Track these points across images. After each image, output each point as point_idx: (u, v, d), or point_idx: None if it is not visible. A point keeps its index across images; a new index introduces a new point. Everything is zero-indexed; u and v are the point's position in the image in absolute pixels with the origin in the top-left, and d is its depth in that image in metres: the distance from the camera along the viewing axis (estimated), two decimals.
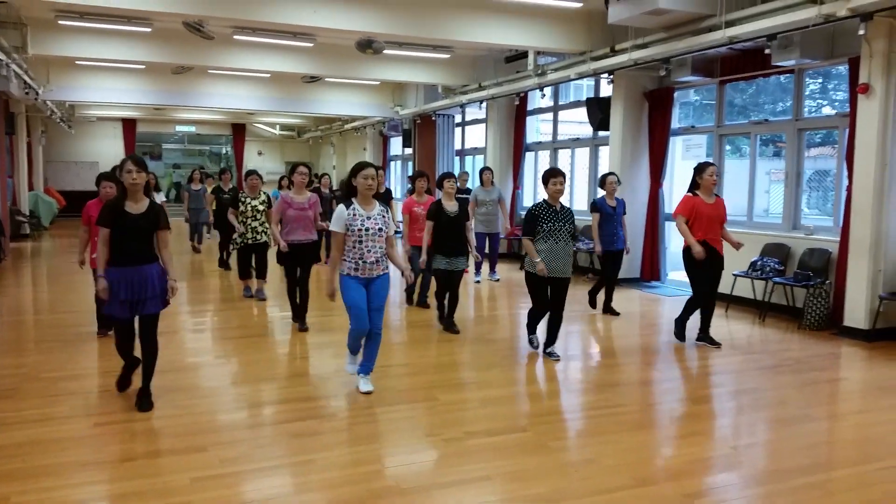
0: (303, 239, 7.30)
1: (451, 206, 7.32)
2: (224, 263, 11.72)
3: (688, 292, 7.12)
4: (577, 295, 10.00)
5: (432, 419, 4.73)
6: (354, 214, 4.98)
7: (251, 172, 9.06)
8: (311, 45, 11.49)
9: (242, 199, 8.64)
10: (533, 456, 4.14)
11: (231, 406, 5.04)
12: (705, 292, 6.77)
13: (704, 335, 6.93)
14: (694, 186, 6.74)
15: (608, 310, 8.46)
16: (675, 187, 10.76)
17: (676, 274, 10.19)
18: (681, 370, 6.25)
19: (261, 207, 8.65)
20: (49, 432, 4.38)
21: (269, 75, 15.69)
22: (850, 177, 7.55)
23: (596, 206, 8.36)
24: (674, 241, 10.53)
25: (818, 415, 5.05)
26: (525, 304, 9.40)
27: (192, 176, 13.67)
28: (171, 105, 18.34)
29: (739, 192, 9.75)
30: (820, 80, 9.51)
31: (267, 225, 8.60)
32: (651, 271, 10.64)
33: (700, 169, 6.73)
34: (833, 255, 7.92)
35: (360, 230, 4.96)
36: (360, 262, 4.98)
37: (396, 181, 19.98)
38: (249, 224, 8.60)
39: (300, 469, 3.91)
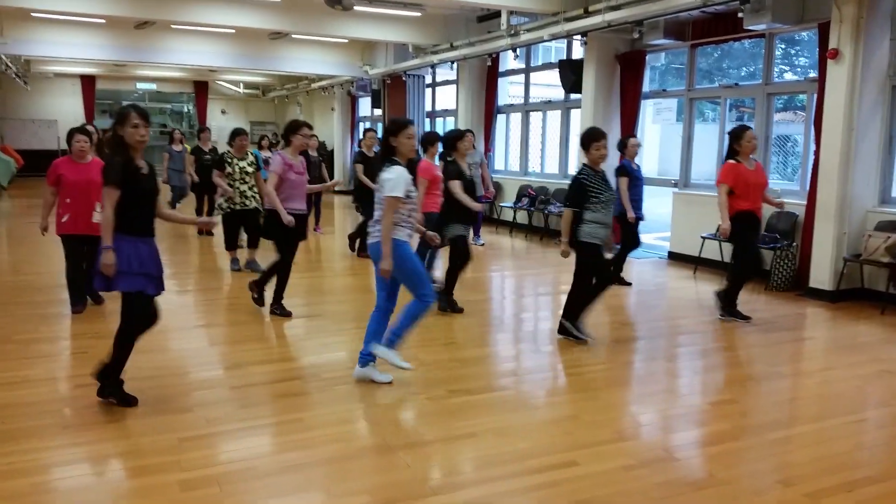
0: (303, 209, 6.33)
1: (465, 167, 6.71)
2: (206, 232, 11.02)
3: (657, 253, 7.17)
4: (551, 258, 10.11)
5: (415, 378, 4.78)
6: (410, 178, 4.42)
7: (239, 132, 8.29)
8: (277, 0, 11.22)
9: (229, 160, 7.95)
10: (515, 413, 4.23)
11: (215, 368, 5.03)
12: (753, 261, 6.61)
13: (733, 309, 6.56)
14: (732, 153, 6.28)
15: (620, 280, 8.06)
16: (645, 150, 10.87)
17: (646, 236, 10.33)
18: (653, 329, 6.39)
19: (249, 169, 7.98)
20: (27, 395, 4.34)
21: (233, 31, 15.29)
22: (817, 141, 7.71)
23: (625, 169, 7.90)
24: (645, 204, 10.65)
25: (785, 372, 5.23)
26: (499, 268, 9.52)
27: (174, 136, 12.83)
28: (132, 61, 17.78)
29: (708, 157, 9.91)
30: (783, 47, 9.64)
31: (255, 189, 8.00)
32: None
33: (738, 134, 6.25)
34: (800, 219, 8.12)
35: (413, 196, 4.47)
36: (411, 228, 4.52)
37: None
38: (237, 188, 7.92)
39: (286, 428, 3.94)
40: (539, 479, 3.36)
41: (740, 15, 8.02)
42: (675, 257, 9.74)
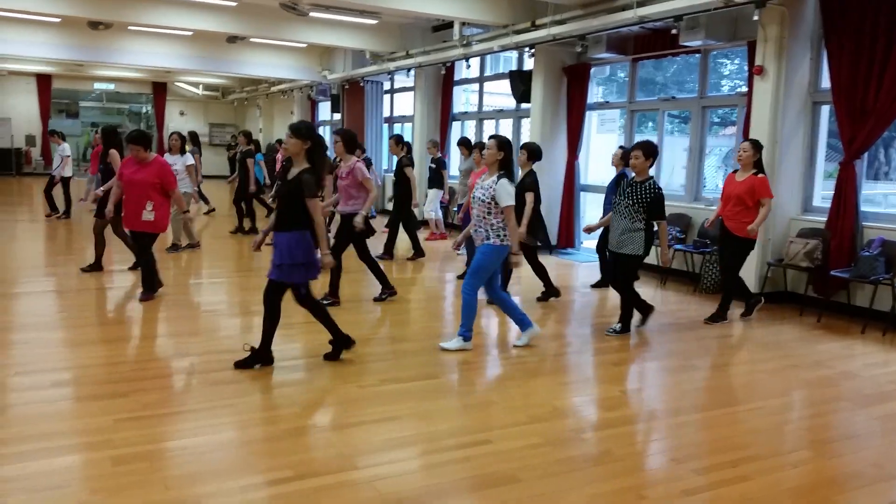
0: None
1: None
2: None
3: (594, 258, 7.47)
4: None
5: (350, 369, 5.02)
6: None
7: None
8: (234, 3, 11.37)
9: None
10: (440, 399, 4.50)
11: (154, 356, 5.20)
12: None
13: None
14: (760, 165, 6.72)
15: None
16: (591, 159, 11.28)
17: (589, 242, 10.69)
18: (587, 327, 6.72)
19: None
20: None
21: (191, 33, 15.36)
22: None
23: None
24: (589, 211, 11.05)
25: (697, 365, 5.58)
26: (440, 270, 9.79)
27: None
28: (89, 61, 17.69)
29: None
30: (725, 60, 10.12)
31: None
32: (566, 238, 11.14)
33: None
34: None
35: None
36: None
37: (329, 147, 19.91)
38: None
39: (218, 412, 4.14)
40: (452, 455, 3.63)
41: (673, 31, 8.45)
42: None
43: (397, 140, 10.43)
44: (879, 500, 3.43)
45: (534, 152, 7.26)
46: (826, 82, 7.59)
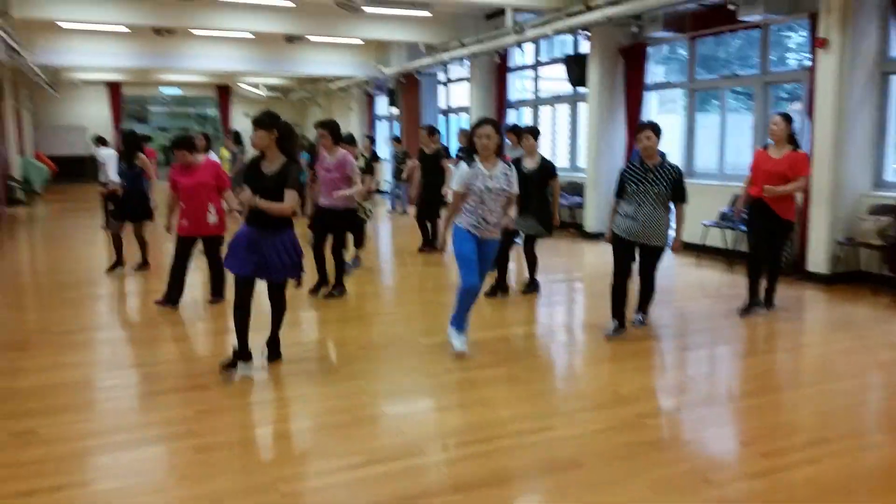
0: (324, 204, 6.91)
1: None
2: None
3: None
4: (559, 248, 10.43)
5: (412, 361, 5.16)
6: (476, 174, 4.89)
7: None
8: (292, 4, 11.63)
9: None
10: (503, 387, 4.56)
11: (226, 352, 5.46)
12: (749, 249, 6.57)
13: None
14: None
15: None
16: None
17: None
18: (657, 314, 6.67)
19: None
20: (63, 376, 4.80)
21: (252, 36, 15.79)
22: (812, 128, 7.92)
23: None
24: None
25: (765, 349, 5.51)
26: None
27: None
28: (155, 67, 18.39)
29: (713, 145, 10.11)
30: (791, 34, 9.81)
31: None
32: None
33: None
34: (799, 205, 8.31)
35: (480, 190, 4.88)
36: (481, 221, 4.94)
37: (383, 141, 20.18)
38: None
39: (290, 402, 4.33)
40: (516, 441, 3.72)
41: (731, 7, 8.25)
42: None
43: (430, 131, 10.17)
44: None
45: (539, 135, 7.07)
46: (895, 51, 7.30)
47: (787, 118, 6.20)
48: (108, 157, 10.83)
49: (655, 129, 5.41)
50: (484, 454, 3.59)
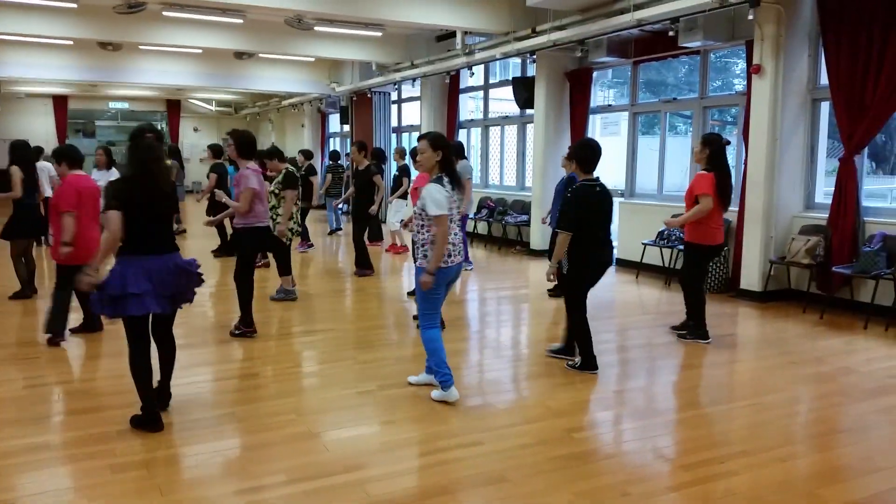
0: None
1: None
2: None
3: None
4: (508, 266, 10.47)
5: (347, 375, 5.12)
6: (451, 195, 4.42)
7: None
8: (240, 21, 11.57)
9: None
10: (435, 403, 4.57)
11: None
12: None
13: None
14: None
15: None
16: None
17: None
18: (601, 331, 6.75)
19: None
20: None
21: (200, 51, 15.64)
22: (746, 151, 8.17)
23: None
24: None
25: (695, 364, 5.62)
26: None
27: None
28: (102, 81, 18.06)
29: (651, 168, 10.36)
30: (735, 59, 10.13)
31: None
32: None
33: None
34: (733, 225, 8.55)
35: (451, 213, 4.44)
36: (450, 248, 4.43)
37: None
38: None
39: (223, 419, 4.26)
40: (443, 457, 3.72)
41: (671, 34, 8.50)
42: (620, 263, 10.15)
43: (360, 146, 9.63)
44: (863, 492, 3.46)
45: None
46: (825, 79, 7.60)
47: (706, 141, 6.14)
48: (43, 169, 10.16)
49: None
50: (410, 471, 3.58)
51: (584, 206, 5.05)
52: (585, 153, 5.17)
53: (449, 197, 4.37)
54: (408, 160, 10.41)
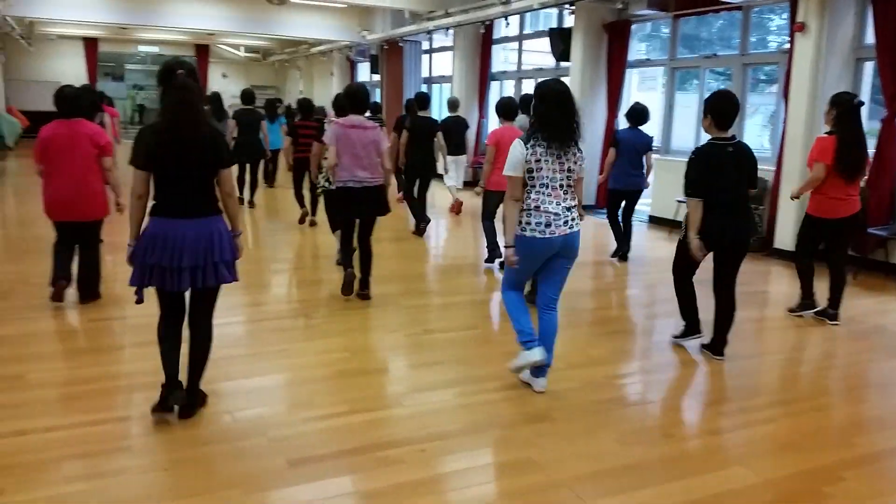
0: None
1: None
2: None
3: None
4: None
5: (399, 319, 5.32)
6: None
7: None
8: None
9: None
10: (480, 347, 4.76)
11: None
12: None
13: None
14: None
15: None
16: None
17: None
18: (627, 285, 6.90)
19: None
20: (49, 325, 4.87)
21: None
22: (786, 110, 8.13)
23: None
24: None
25: (738, 318, 5.73)
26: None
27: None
28: (133, 24, 18.09)
29: (688, 125, 10.32)
30: (773, 16, 10.00)
31: None
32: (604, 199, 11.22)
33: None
34: (769, 184, 8.56)
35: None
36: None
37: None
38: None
39: (277, 355, 4.48)
40: (490, 397, 3.90)
41: None
42: (654, 220, 10.21)
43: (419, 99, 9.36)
44: (894, 441, 3.62)
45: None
46: (870, 38, 7.51)
47: (834, 101, 5.43)
48: None
49: None
50: (462, 406, 3.77)
51: (708, 169, 4.46)
52: (722, 104, 4.45)
53: (534, 157, 3.69)
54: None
